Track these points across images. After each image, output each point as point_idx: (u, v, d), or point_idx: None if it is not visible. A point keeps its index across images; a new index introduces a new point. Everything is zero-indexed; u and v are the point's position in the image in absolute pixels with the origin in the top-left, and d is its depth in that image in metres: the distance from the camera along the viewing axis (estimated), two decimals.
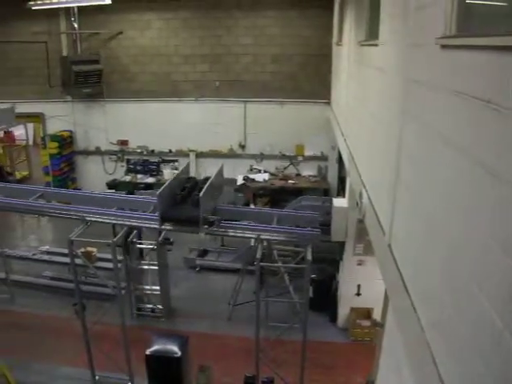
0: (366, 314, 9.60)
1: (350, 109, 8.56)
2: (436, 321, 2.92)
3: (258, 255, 7.14)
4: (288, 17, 14.74)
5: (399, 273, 3.80)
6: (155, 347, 7.42)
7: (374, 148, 5.58)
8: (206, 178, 8.21)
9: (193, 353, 8.68)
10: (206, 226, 7.29)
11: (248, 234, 7.68)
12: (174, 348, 7.38)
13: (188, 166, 9.34)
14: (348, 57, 9.28)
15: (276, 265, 8.18)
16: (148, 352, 7.33)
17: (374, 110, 5.70)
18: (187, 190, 7.87)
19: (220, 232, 7.76)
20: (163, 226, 7.42)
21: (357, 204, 6.83)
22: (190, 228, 7.42)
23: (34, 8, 14.20)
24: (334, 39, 13.29)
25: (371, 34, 6.75)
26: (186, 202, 7.53)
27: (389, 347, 5.71)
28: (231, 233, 7.71)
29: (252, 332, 7.83)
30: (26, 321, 10.33)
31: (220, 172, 8.70)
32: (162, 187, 7.35)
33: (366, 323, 9.49)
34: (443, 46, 2.98)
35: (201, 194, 7.01)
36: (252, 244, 9.42)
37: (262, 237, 7.36)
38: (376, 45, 5.61)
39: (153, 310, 10.39)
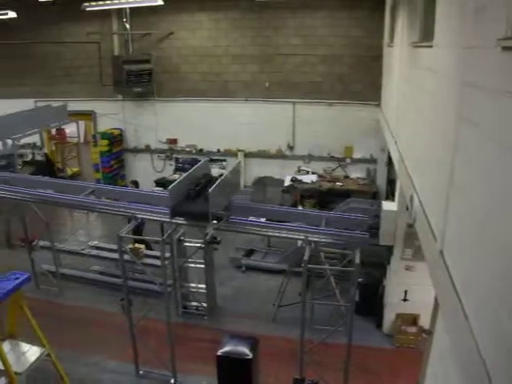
0: (413, 320, 9.43)
1: (402, 111, 8.43)
2: (491, 331, 2.83)
3: (306, 257, 7.10)
4: (337, 17, 14.62)
5: (451, 280, 3.71)
6: (227, 348, 7.42)
7: (426, 151, 5.47)
8: (221, 175, 8.28)
9: None
10: (214, 221, 7.38)
11: (261, 232, 7.92)
12: (246, 350, 7.37)
13: (206, 162, 9.46)
14: (400, 58, 9.14)
15: (323, 267, 8.11)
16: (219, 353, 7.34)
17: (427, 113, 5.59)
18: (201, 186, 7.99)
19: (229, 227, 7.88)
20: (174, 220, 7.63)
21: (407, 208, 6.71)
22: (199, 222, 7.58)
23: (88, 9, 14.50)
24: (385, 40, 13.11)
25: (425, 35, 6.63)
26: (198, 198, 7.68)
27: (437, 356, 5.57)
28: (240, 228, 7.93)
29: (296, 334, 7.81)
30: (74, 314, 10.56)
31: (236, 169, 8.83)
32: (174, 183, 7.56)
33: (412, 330, 9.33)
34: (504, 48, 2.89)
35: (210, 189, 7.14)
36: (298, 245, 9.41)
37: (310, 238, 7.32)
38: (430, 46, 5.50)
39: (198, 308, 10.46)
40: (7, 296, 5.84)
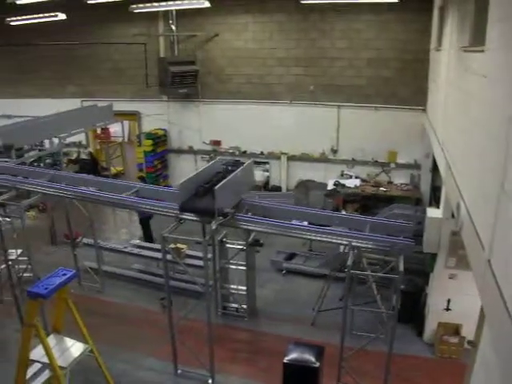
0: (455, 330, 9.22)
1: (449, 116, 8.27)
2: None
3: (349, 262, 7.03)
4: (384, 20, 14.43)
5: (499, 290, 3.60)
6: (293, 355, 7.40)
7: (475, 158, 5.34)
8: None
9: (274, 355, 8.72)
10: (220, 218, 7.51)
11: (267, 229, 7.88)
12: (312, 358, 7.35)
13: (219, 161, 9.64)
14: (448, 62, 8.97)
15: (366, 273, 7.99)
16: (286, 360, 7.33)
17: (476, 119, 5.46)
18: (212, 183, 8.07)
19: (234, 224, 7.95)
20: (183, 216, 7.81)
21: (452, 215, 6.58)
22: (205, 218, 7.73)
23: (136, 11, 14.73)
24: (433, 44, 12.89)
25: (476, 39, 6.48)
26: (207, 195, 7.79)
27: (482, 368, 5.44)
28: (244, 226, 7.96)
29: (335, 339, 7.77)
30: (114, 310, 10.77)
31: (247, 168, 8.95)
32: (184, 179, 7.79)
33: (454, 340, 9.11)
34: None
35: (216, 187, 7.31)
36: (341, 250, 9.32)
37: (354, 244, 7.23)
38: (482, 51, 5.37)
39: (237, 310, 10.47)
40: (55, 291, 5.96)
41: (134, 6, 14.43)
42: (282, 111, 15.98)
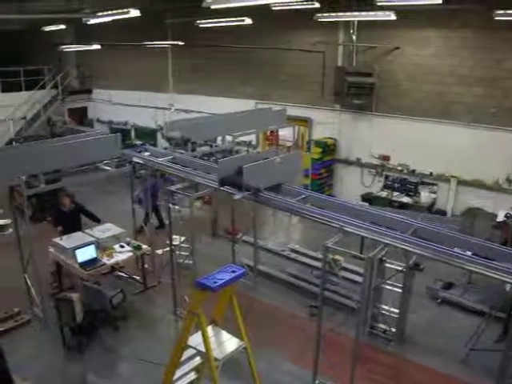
0: None
1: None
2: None
3: None
4: None
5: None
6: None
7: None
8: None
9: None
10: (247, 192, 8.48)
11: (285, 209, 8.64)
12: None
13: (273, 151, 10.11)
14: None
15: None
16: None
17: None
18: None
19: (259, 199, 8.71)
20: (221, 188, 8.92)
21: None
22: (233, 190, 8.64)
23: (320, 20, 14.89)
24: None
25: None
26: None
27: None
28: (268, 201, 8.70)
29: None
30: (262, 309, 10.94)
31: (291, 158, 9.54)
32: (224, 159, 9.06)
33: None
34: None
35: (246, 165, 8.26)
36: (507, 289, 8.71)
37: None
38: None
39: (385, 332, 10.17)
40: (223, 287, 6.20)
41: (319, 14, 14.57)
42: (458, 132, 15.16)
